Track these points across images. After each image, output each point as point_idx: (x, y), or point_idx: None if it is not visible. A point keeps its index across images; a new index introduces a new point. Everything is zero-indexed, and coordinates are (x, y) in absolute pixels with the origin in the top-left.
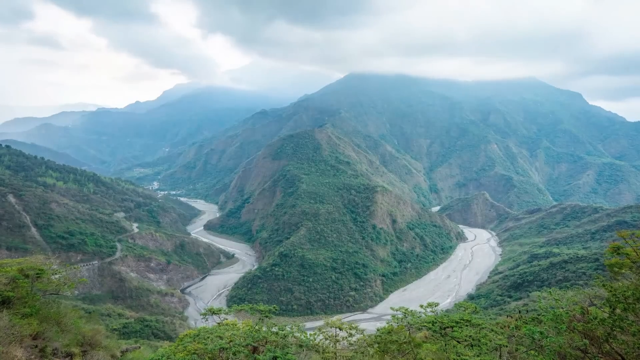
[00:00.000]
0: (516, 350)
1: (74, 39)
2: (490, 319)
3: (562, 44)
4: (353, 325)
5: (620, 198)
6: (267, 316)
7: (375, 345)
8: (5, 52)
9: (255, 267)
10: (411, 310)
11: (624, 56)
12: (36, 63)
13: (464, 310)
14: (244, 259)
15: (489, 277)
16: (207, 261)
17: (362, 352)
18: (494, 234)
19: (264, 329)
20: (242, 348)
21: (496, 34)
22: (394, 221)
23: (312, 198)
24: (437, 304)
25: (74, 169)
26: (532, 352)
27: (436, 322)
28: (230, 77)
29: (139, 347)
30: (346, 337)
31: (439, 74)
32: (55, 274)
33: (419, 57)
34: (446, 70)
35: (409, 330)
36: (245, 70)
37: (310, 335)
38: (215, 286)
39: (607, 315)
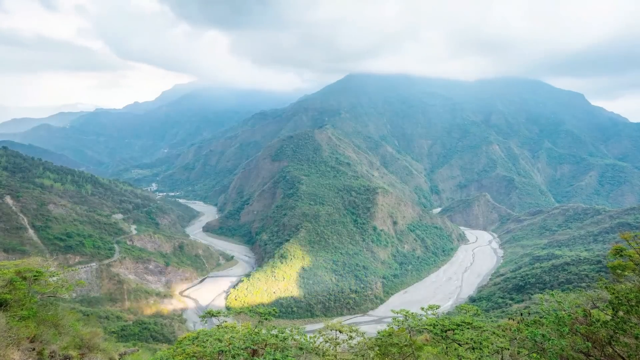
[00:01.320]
0: (518, 353)
1: None
2: (492, 321)
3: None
4: (353, 327)
5: (622, 199)
6: (266, 319)
7: (376, 348)
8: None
9: (255, 269)
10: (412, 313)
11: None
12: (29, 63)
13: (465, 313)
14: (244, 260)
15: (490, 279)
16: (206, 263)
17: (363, 355)
18: (495, 235)
19: (264, 331)
20: (242, 351)
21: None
22: (394, 223)
23: (312, 199)
24: (438, 307)
25: (71, 170)
26: (534, 355)
27: (437, 325)
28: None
29: (138, 350)
30: (346, 340)
31: (440, 74)
32: (53, 276)
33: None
34: (408, 67)
35: (409, 333)
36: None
37: (310, 337)
38: (215, 288)
39: (610, 317)
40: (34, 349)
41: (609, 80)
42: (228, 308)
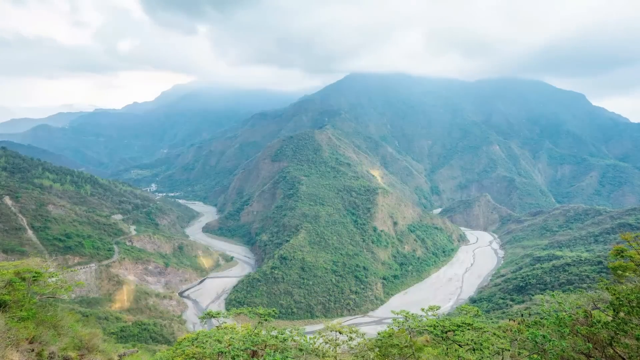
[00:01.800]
0: (519, 354)
1: None
2: (493, 322)
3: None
4: (353, 328)
5: (623, 200)
6: (266, 319)
7: (376, 349)
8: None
9: (255, 270)
10: (412, 314)
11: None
12: (28, 64)
13: (466, 314)
14: (243, 261)
15: (491, 280)
16: (205, 264)
17: (363, 356)
18: (496, 236)
19: (263, 332)
20: (241, 352)
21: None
22: (395, 223)
23: (312, 200)
24: (438, 308)
25: (71, 170)
26: (535, 356)
27: (438, 326)
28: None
29: (137, 351)
30: (346, 341)
31: (441, 74)
32: (52, 276)
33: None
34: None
35: (410, 334)
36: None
37: (310, 339)
38: (214, 289)
39: (611, 318)
40: (33, 350)
41: (592, 81)
42: (228, 309)
